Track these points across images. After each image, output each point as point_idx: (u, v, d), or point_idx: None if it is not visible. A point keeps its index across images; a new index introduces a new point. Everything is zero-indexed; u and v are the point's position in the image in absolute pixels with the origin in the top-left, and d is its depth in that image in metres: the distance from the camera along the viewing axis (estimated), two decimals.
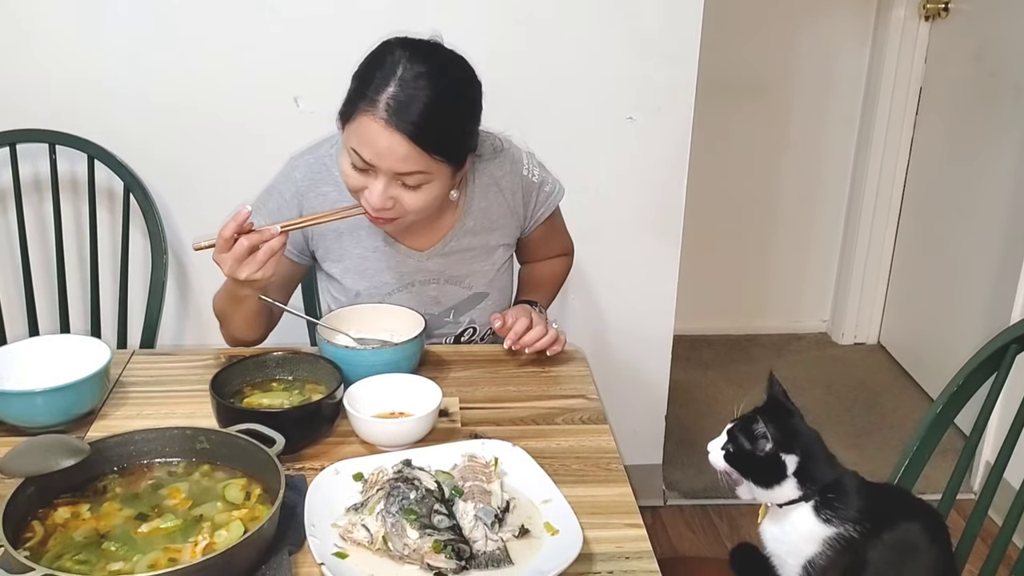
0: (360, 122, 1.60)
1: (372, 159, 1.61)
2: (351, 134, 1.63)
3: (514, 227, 1.95)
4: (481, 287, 1.93)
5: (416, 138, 1.58)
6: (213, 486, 1.36)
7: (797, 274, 4.10)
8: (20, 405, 1.55)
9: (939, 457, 1.67)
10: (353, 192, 1.70)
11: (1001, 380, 1.58)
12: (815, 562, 1.36)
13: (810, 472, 1.34)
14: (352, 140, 1.62)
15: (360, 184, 1.66)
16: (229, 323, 1.85)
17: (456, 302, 1.92)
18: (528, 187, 1.92)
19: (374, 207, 1.65)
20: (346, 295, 1.90)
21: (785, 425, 1.35)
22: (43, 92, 2.42)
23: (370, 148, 1.60)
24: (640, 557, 1.30)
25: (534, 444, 1.52)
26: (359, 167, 1.64)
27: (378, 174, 1.63)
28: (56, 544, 1.24)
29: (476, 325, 1.96)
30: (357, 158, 1.63)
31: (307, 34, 2.42)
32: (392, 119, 1.57)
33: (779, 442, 1.33)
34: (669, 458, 3.09)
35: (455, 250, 1.89)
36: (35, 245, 2.48)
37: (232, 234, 1.57)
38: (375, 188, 1.64)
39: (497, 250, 1.93)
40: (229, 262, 1.59)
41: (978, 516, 1.58)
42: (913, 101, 3.66)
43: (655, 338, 2.85)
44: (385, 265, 1.87)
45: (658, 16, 2.48)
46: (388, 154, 1.59)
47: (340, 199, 1.79)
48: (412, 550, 1.24)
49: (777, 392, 1.41)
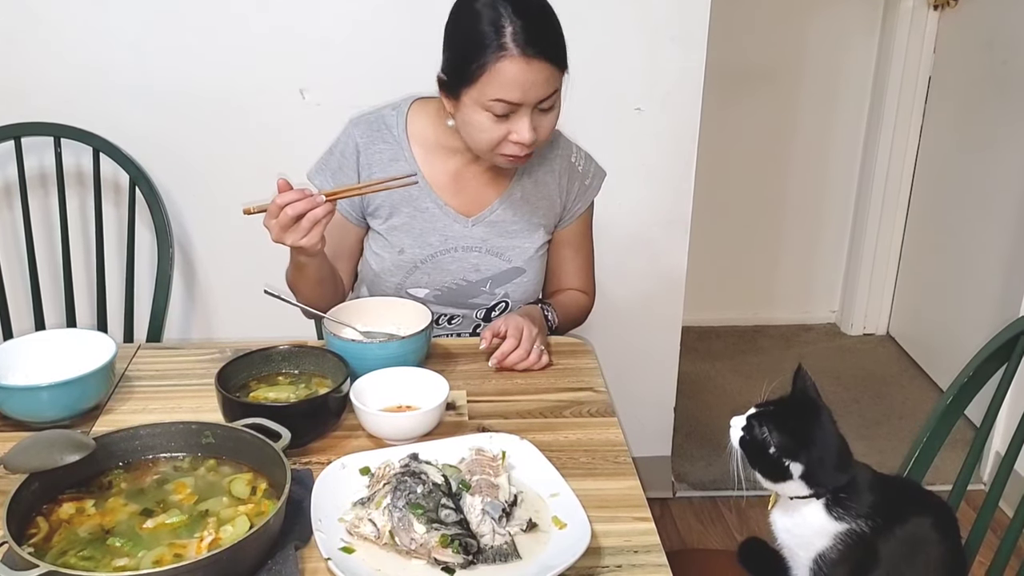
0: (497, 69, 1.66)
1: (521, 97, 1.68)
2: (488, 86, 1.68)
3: (555, 212, 1.99)
4: (520, 262, 1.96)
5: (552, 57, 1.68)
6: (219, 481, 1.35)
7: (806, 265, 4.09)
8: (25, 400, 1.54)
9: (949, 448, 1.66)
10: (491, 147, 1.76)
11: (1011, 371, 1.57)
12: (826, 556, 1.35)
13: (817, 478, 1.33)
14: (492, 91, 1.68)
15: (500, 133, 1.72)
16: (298, 293, 1.89)
17: (494, 273, 1.95)
18: (573, 174, 1.98)
19: (528, 141, 1.72)
20: (390, 251, 1.93)
21: (796, 429, 1.33)
22: (48, 85, 2.41)
23: (518, 88, 1.67)
24: (649, 551, 1.29)
25: (542, 437, 1.52)
26: (502, 113, 1.70)
27: (520, 111, 1.70)
28: (61, 540, 1.23)
29: (510, 300, 1.98)
30: (502, 105, 1.68)
31: (313, 26, 2.42)
32: (529, 50, 1.65)
33: (783, 448, 1.32)
34: (678, 450, 3.09)
35: (500, 219, 1.93)
36: (40, 239, 2.48)
37: (284, 203, 1.61)
38: (523, 125, 1.71)
39: (539, 230, 1.97)
40: (275, 229, 1.64)
41: (988, 507, 1.57)
42: (922, 91, 3.64)
43: (664, 329, 2.84)
44: (432, 227, 1.92)
45: (667, 6, 2.46)
46: (533, 86, 1.67)
47: (394, 157, 1.89)
48: (419, 544, 1.23)
49: (804, 387, 1.38)
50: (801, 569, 1.39)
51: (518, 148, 1.74)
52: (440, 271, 1.92)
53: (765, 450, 1.32)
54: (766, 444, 1.32)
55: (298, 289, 1.87)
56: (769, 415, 1.34)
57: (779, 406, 1.37)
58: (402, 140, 1.90)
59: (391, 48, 2.43)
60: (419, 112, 1.92)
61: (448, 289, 1.94)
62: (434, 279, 1.93)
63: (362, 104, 1.99)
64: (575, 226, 2.03)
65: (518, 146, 1.73)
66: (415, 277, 1.93)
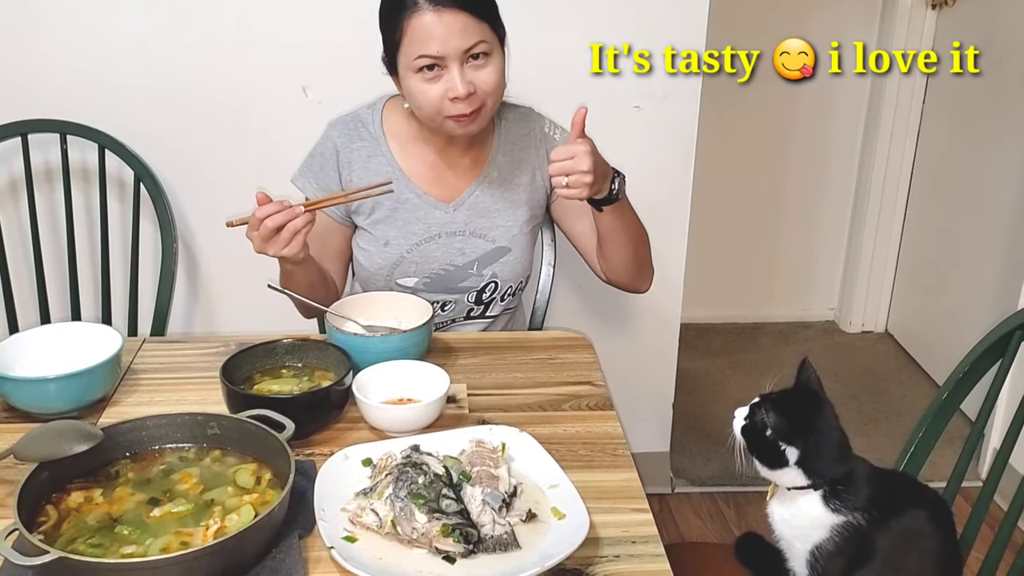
0: (412, 26, 1.72)
1: (439, 48, 1.71)
2: (409, 46, 1.73)
3: (538, 186, 2.00)
4: (504, 241, 1.98)
5: (466, 6, 1.71)
6: (224, 471, 1.37)
7: (805, 262, 4.10)
8: (33, 391, 1.56)
9: (945, 443, 1.67)
10: (436, 111, 1.78)
11: (1007, 366, 1.58)
12: (822, 547, 1.37)
13: (814, 466, 1.35)
14: (414, 49, 1.73)
15: (437, 93, 1.75)
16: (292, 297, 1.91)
17: (480, 254, 1.97)
18: (549, 143, 1.99)
19: (462, 94, 1.73)
20: (375, 244, 1.96)
21: (795, 416, 1.35)
22: (54, 82, 2.43)
23: (434, 40, 1.71)
24: (647, 541, 1.31)
25: (541, 430, 1.53)
26: (430, 71, 1.74)
27: (448, 64, 1.73)
28: (70, 528, 1.25)
29: (498, 280, 2.00)
30: (425, 60, 1.73)
31: (316, 24, 2.43)
32: (439, 3, 1.70)
33: (779, 433, 1.34)
34: (677, 446, 3.10)
35: (480, 201, 1.96)
36: (46, 234, 2.49)
37: (264, 215, 1.67)
38: (453, 76, 1.73)
39: (521, 208, 1.98)
40: (257, 241, 1.71)
41: (984, 501, 1.58)
42: (920, 89, 3.65)
43: (662, 326, 2.85)
44: (414, 216, 1.95)
45: (666, 4, 2.47)
46: (450, 34, 1.71)
47: (372, 154, 1.93)
48: (420, 534, 1.25)
49: (808, 379, 1.40)
50: (798, 561, 1.41)
51: (460, 106, 1.75)
52: (426, 259, 1.95)
53: (763, 434, 1.35)
54: (764, 427, 1.35)
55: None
56: (771, 402, 1.37)
57: (781, 395, 1.39)
58: (378, 136, 1.94)
59: None
60: (393, 108, 1.96)
61: (436, 276, 1.96)
62: (421, 267, 1.95)
63: (364, 101, 2.01)
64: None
65: (458, 103, 1.75)
66: (403, 267, 1.95)
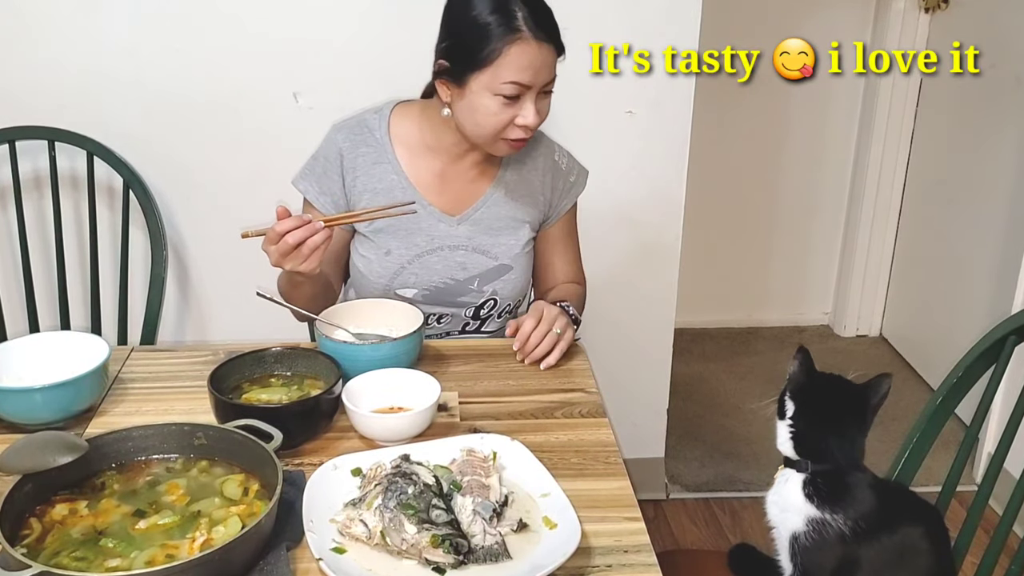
0: (512, 52, 1.70)
1: (532, 79, 1.72)
2: (501, 69, 1.71)
3: (540, 209, 2.01)
4: (506, 259, 1.97)
5: (557, 42, 1.75)
6: (211, 482, 1.36)
7: (799, 266, 4.09)
8: (19, 402, 1.55)
9: (940, 448, 1.67)
10: (496, 132, 1.78)
11: (1001, 371, 1.58)
12: (799, 540, 1.40)
13: (803, 439, 1.40)
14: (506, 74, 1.71)
15: (507, 117, 1.76)
16: (292, 303, 1.89)
17: (481, 271, 1.96)
18: (557, 172, 2.00)
19: (533, 124, 1.77)
20: (376, 252, 1.94)
21: (814, 382, 1.42)
22: (42, 89, 2.42)
23: (531, 70, 1.72)
24: (639, 551, 1.30)
25: (533, 438, 1.52)
26: (511, 96, 1.73)
27: (527, 94, 1.74)
28: (54, 541, 1.23)
29: (498, 297, 1.99)
30: (513, 87, 1.72)
31: (306, 30, 2.42)
32: (539, 33, 1.71)
33: (792, 380, 1.43)
34: (671, 451, 3.09)
35: (485, 218, 1.95)
36: (35, 242, 2.48)
37: (284, 231, 1.63)
38: (529, 108, 1.75)
39: (524, 226, 1.98)
40: (275, 255, 1.67)
41: (979, 506, 1.58)
42: (914, 93, 3.65)
43: (657, 331, 2.85)
44: (417, 227, 1.93)
45: (658, 8, 2.47)
46: (543, 67, 1.73)
47: (377, 160, 1.91)
48: (410, 545, 1.24)
49: (868, 389, 1.44)
50: (784, 551, 1.44)
51: (522, 131, 1.78)
52: (427, 271, 1.93)
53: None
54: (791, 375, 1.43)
55: (292, 301, 1.88)
56: (810, 361, 1.44)
57: (834, 375, 1.45)
58: (384, 142, 1.92)
59: (383, 52, 2.44)
60: (402, 115, 1.94)
61: (436, 288, 1.95)
62: (421, 279, 1.94)
63: (355, 108, 2.00)
64: (562, 223, 2.05)
65: (523, 129, 1.77)
66: (403, 277, 1.93)
